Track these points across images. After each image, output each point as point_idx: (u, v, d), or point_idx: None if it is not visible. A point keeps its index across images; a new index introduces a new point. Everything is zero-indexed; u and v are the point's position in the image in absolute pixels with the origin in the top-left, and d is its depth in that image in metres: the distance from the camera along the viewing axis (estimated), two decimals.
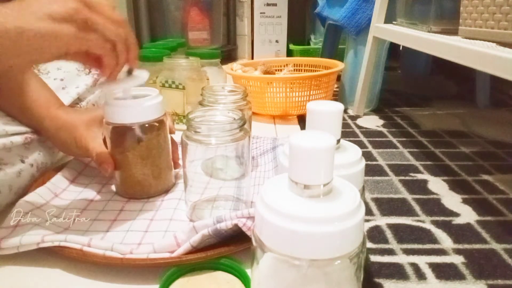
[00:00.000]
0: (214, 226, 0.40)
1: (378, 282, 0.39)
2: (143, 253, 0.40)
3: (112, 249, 0.40)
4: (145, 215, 0.48)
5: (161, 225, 0.46)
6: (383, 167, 0.65)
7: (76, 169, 0.58)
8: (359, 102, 0.94)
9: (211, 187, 0.49)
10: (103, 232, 0.45)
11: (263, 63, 1.08)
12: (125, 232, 0.45)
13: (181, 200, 0.51)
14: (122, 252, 0.40)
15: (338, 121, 0.31)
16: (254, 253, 0.24)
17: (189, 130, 0.43)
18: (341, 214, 0.22)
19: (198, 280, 0.38)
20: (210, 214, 0.48)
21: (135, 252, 0.40)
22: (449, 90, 1.19)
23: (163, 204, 0.51)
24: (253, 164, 0.62)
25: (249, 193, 0.49)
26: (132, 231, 0.45)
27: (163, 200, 0.52)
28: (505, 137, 0.78)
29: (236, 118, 0.44)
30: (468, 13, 0.55)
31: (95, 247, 0.40)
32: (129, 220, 0.47)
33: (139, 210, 0.50)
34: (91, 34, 0.38)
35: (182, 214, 0.49)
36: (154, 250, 0.40)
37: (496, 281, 0.39)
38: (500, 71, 0.44)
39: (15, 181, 0.50)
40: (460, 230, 0.48)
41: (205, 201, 0.49)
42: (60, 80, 0.66)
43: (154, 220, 0.47)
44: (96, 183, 0.56)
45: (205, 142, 0.43)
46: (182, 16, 1.57)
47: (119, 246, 0.40)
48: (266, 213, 0.23)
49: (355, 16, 0.95)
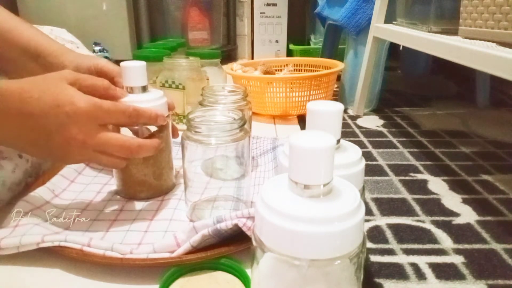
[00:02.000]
0: (214, 226, 0.40)
1: (378, 282, 0.39)
2: (143, 253, 0.40)
3: (112, 249, 0.40)
4: (145, 215, 0.48)
5: (161, 225, 0.46)
6: (383, 167, 0.65)
7: (76, 169, 0.58)
8: (359, 102, 0.94)
9: (211, 187, 0.49)
10: (103, 232, 0.45)
11: (263, 63, 1.08)
12: (125, 232, 0.45)
13: (181, 200, 0.51)
14: (122, 252, 0.40)
15: (338, 121, 0.31)
16: (254, 253, 0.24)
17: (189, 130, 0.43)
18: (341, 214, 0.22)
19: (198, 280, 0.38)
20: (210, 214, 0.48)
21: (135, 252, 0.40)
22: (449, 90, 1.19)
23: (163, 204, 0.51)
24: (253, 164, 0.62)
25: (249, 193, 0.49)
26: (132, 231, 0.45)
27: (163, 200, 0.52)
28: (505, 137, 0.78)
29: (236, 118, 0.44)
30: (468, 13, 0.55)
31: (95, 247, 0.40)
32: (129, 220, 0.47)
33: (139, 210, 0.50)
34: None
35: (182, 214, 0.49)
36: (154, 250, 0.40)
37: (496, 281, 0.39)
38: (500, 71, 0.44)
39: (9, 176, 0.50)
40: (460, 230, 0.48)
41: (205, 201, 0.49)
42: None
43: (154, 220, 0.47)
44: (96, 183, 0.56)
45: (205, 142, 0.43)
46: (182, 16, 1.57)
47: (119, 246, 0.40)
48: (266, 213, 0.23)
49: (355, 16, 0.95)
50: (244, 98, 0.53)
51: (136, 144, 0.43)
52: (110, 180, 0.56)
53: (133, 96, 0.48)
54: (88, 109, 0.40)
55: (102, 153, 0.42)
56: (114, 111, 0.42)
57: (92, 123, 0.41)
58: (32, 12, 1.38)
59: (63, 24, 0.78)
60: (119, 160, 0.44)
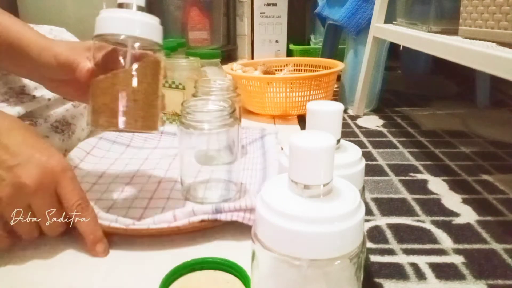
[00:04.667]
0: (214, 215, 0.45)
1: (378, 282, 0.39)
2: (144, 224, 0.45)
3: (117, 221, 0.44)
4: (145, 194, 0.52)
5: (159, 203, 0.51)
6: (383, 167, 0.65)
7: (79, 157, 0.61)
8: (359, 102, 0.94)
9: (204, 171, 0.53)
10: (106, 209, 0.48)
11: (263, 63, 1.08)
12: (126, 209, 0.49)
13: (177, 182, 0.55)
14: (125, 223, 0.44)
15: (338, 121, 0.31)
16: (254, 253, 0.24)
17: (183, 118, 0.47)
18: (341, 214, 0.22)
19: (198, 280, 0.38)
20: (204, 193, 0.52)
21: (137, 224, 0.45)
22: (449, 90, 1.19)
23: (161, 185, 0.55)
24: (243, 152, 0.67)
25: (238, 177, 0.54)
26: (133, 207, 0.49)
27: (160, 181, 0.56)
28: (505, 137, 0.78)
29: (226, 106, 0.48)
30: (468, 13, 0.55)
31: (101, 219, 0.44)
32: (129, 199, 0.51)
33: (138, 190, 0.53)
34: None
35: (179, 194, 0.53)
36: (154, 223, 0.45)
37: (496, 281, 0.39)
38: (500, 71, 0.44)
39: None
40: (460, 230, 0.48)
41: (198, 183, 0.53)
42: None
43: (153, 199, 0.51)
44: (98, 169, 0.60)
45: (199, 127, 0.47)
46: (182, 16, 1.57)
47: (122, 219, 0.45)
48: (266, 213, 0.23)
49: (355, 16, 0.95)
50: (233, 90, 0.57)
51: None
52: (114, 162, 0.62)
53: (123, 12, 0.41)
54: (33, 185, 0.39)
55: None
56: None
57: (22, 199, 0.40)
58: (31, 11, 1.38)
59: (62, 24, 0.78)
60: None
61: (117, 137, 0.69)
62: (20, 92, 0.60)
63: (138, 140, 0.71)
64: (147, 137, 0.72)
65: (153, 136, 0.72)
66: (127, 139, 0.70)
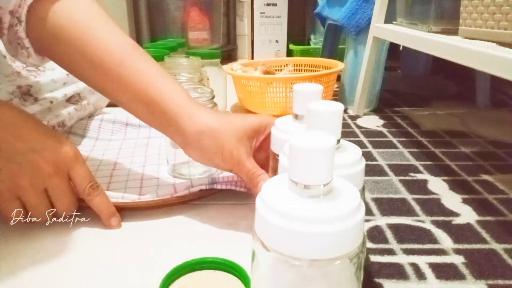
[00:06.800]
0: (211, 184, 0.50)
1: (378, 282, 0.39)
2: (149, 197, 0.49)
3: (123, 197, 0.49)
4: (135, 177, 0.57)
5: (152, 182, 0.56)
6: (383, 167, 0.65)
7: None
8: (359, 102, 0.94)
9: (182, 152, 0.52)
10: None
11: (263, 63, 1.08)
12: (123, 189, 0.53)
13: (160, 164, 0.61)
14: (132, 199, 0.49)
15: (338, 121, 0.31)
16: (254, 253, 0.24)
17: None
18: (341, 214, 0.22)
19: (198, 280, 0.38)
20: (189, 170, 0.58)
21: (143, 198, 0.49)
22: (449, 90, 1.19)
23: (146, 168, 0.60)
24: None
25: None
26: (130, 188, 0.54)
27: (144, 165, 0.61)
28: (505, 137, 0.78)
29: (205, 93, 0.56)
30: (468, 13, 0.55)
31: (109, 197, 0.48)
32: (122, 182, 0.56)
33: (127, 174, 0.58)
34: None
35: (166, 173, 0.59)
36: (157, 196, 0.49)
37: (496, 281, 0.39)
38: (500, 71, 0.44)
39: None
40: (460, 230, 0.48)
41: (180, 163, 0.59)
42: (67, 74, 0.67)
43: (144, 180, 0.56)
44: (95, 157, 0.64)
45: None
46: (182, 16, 1.57)
47: (128, 195, 0.49)
48: (266, 213, 0.23)
49: (355, 16, 0.95)
50: (200, 82, 0.64)
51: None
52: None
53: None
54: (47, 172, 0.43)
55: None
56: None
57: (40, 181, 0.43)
58: None
59: None
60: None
61: (85, 131, 0.72)
62: (25, 92, 0.60)
63: (105, 133, 0.73)
64: (113, 130, 0.74)
65: (118, 128, 0.75)
66: (94, 133, 0.72)
